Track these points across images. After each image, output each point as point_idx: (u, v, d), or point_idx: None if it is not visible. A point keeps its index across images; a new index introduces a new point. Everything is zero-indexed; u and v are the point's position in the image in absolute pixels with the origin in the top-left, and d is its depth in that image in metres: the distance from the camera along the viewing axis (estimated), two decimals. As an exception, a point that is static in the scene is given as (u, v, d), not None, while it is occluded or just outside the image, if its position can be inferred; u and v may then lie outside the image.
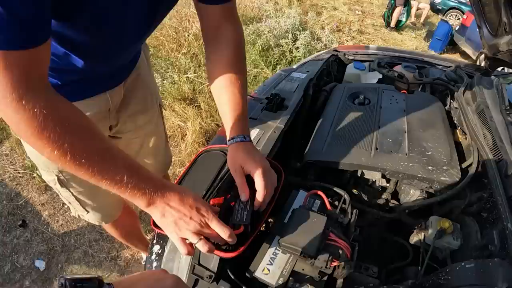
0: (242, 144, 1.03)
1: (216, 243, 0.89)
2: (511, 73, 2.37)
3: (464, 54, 8.17)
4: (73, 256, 2.46)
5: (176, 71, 4.12)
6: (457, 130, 1.65)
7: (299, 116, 1.59)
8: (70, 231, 2.60)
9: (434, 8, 12.82)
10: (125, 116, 1.40)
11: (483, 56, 2.37)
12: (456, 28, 8.22)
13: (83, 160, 0.75)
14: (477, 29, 2.08)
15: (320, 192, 1.13)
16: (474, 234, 1.23)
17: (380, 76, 2.09)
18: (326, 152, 1.35)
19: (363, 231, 1.32)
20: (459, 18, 10.45)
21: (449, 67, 2.34)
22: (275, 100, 1.49)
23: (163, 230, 0.89)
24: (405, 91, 1.85)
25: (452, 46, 8.60)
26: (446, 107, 1.79)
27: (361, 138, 1.40)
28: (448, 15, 12.12)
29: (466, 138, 1.61)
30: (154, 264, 1.08)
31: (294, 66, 2.08)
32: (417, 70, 2.17)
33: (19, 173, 3.01)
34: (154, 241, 1.15)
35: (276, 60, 4.66)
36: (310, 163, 1.38)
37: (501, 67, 2.50)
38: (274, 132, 1.32)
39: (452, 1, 11.19)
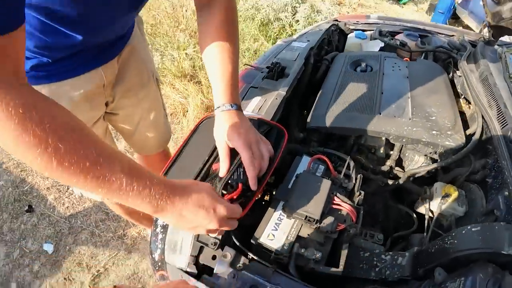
0: (227, 114, 0.99)
1: None
2: (514, 43, 2.33)
3: (467, 28, 8.11)
4: (80, 238, 2.46)
5: (175, 48, 4.06)
6: (461, 99, 1.63)
7: (301, 84, 1.56)
8: (76, 213, 2.60)
9: (438, -22, 12.76)
10: (121, 91, 1.37)
11: (486, 29, 2.34)
12: (459, 1, 8.09)
13: (72, 168, 0.64)
14: (480, 1, 2.07)
15: (323, 157, 1.12)
16: (479, 200, 1.22)
17: (382, 44, 2.05)
18: (329, 117, 1.33)
19: (368, 199, 1.31)
20: (461, -10, 10.34)
21: (452, 36, 2.31)
22: (275, 68, 1.46)
23: None
24: (408, 59, 1.83)
25: (455, 19, 8.48)
26: (449, 76, 1.76)
27: (364, 103, 1.38)
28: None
29: (469, 107, 1.60)
30: (160, 236, 1.06)
31: (294, 37, 2.04)
32: (419, 38, 2.13)
33: (22, 159, 2.99)
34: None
35: (276, 34, 4.59)
36: (313, 130, 1.36)
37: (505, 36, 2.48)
38: (276, 99, 1.30)
39: (454, -28, 11.11)
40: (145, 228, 2.40)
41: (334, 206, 0.98)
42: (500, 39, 2.16)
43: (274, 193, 1.09)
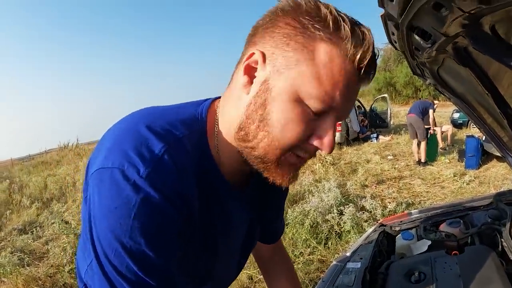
0: None
1: None
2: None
3: (500, 158, 8.23)
4: None
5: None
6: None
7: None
8: None
9: (456, 124, 13.51)
10: None
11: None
12: (483, 138, 8.38)
13: None
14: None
15: None
16: None
17: (430, 242, 2.21)
18: None
19: None
20: (482, 125, 10.78)
21: (490, 203, 2.47)
22: (337, 304, 1.64)
23: None
24: (456, 252, 1.96)
25: (486, 155, 8.67)
26: (499, 248, 1.90)
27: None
28: (471, 125, 12.56)
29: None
30: None
31: (348, 254, 2.23)
32: (461, 222, 2.28)
33: None
34: None
35: (326, 235, 4.86)
36: None
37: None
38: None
39: (469, 111, 11.78)
40: None
41: None
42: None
43: None
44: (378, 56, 0.78)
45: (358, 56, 0.72)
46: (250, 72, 0.77)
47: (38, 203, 9.26)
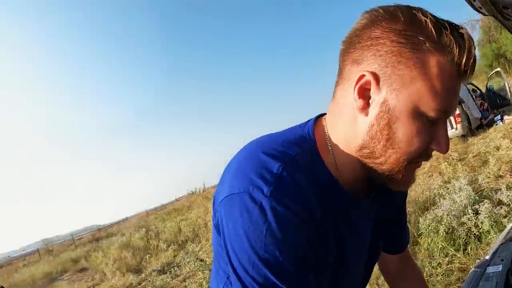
0: None
1: None
2: None
3: None
4: None
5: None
6: None
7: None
8: None
9: None
10: None
11: None
12: None
13: None
14: None
15: None
16: None
17: None
18: None
19: None
20: None
21: None
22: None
23: None
24: None
25: None
26: None
27: None
28: None
29: None
30: None
31: (487, 257, 2.04)
32: None
33: None
34: None
35: (464, 240, 4.42)
36: None
37: None
38: None
39: None
40: None
41: None
42: None
43: None
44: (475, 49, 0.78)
45: (463, 60, 0.74)
46: (364, 93, 0.80)
47: (174, 245, 10.05)
